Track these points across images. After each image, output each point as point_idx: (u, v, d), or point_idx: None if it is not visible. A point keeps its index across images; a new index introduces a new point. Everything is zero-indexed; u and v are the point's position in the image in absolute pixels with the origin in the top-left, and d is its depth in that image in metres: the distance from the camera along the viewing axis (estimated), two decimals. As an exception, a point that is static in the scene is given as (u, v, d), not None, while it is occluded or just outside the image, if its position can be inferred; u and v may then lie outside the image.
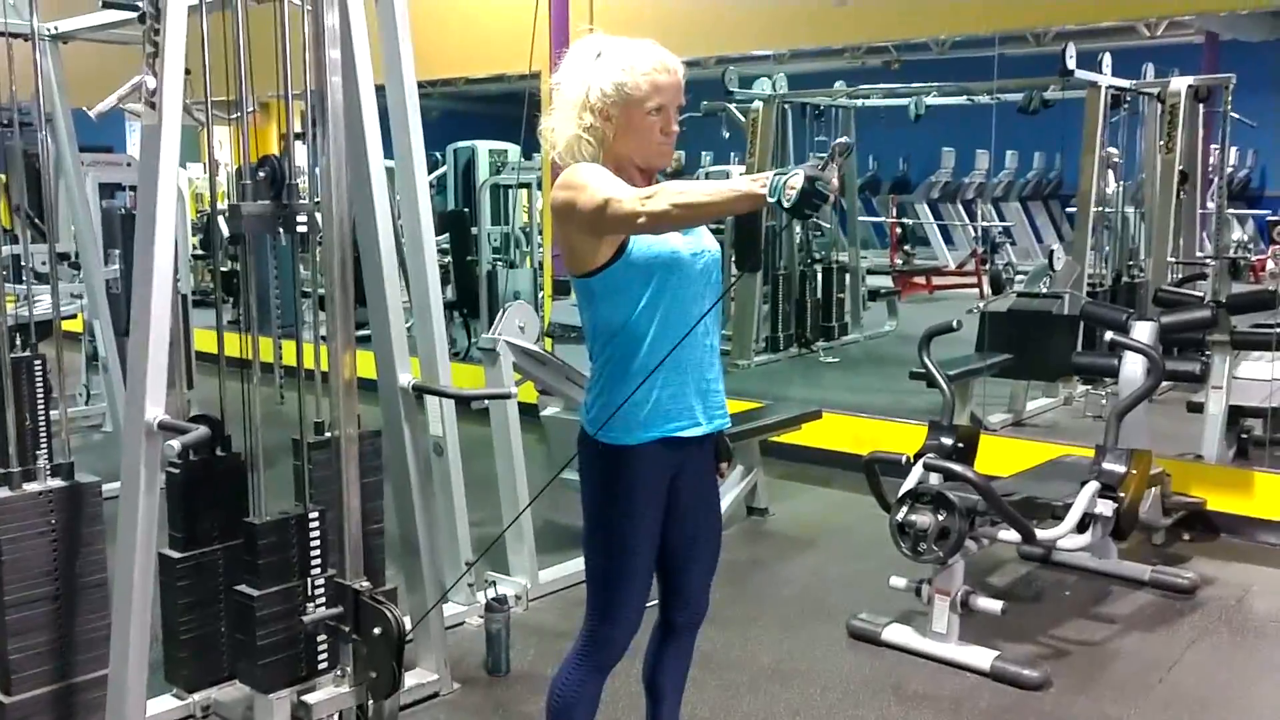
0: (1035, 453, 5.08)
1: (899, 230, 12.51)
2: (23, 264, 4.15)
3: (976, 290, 10.22)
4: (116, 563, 2.77)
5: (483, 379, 4.19)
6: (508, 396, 3.81)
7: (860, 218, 12.78)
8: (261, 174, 2.83)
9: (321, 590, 2.98)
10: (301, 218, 2.82)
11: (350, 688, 2.88)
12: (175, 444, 2.51)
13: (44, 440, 4.27)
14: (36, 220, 6.90)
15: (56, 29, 4.82)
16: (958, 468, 3.47)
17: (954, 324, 4.14)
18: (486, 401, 3.99)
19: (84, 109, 4.42)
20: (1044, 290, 7.01)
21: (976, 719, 3.28)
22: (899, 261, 12.04)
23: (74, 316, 6.72)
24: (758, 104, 8.30)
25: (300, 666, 3.00)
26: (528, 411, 4.73)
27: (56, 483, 2.92)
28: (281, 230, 2.83)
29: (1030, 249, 12.00)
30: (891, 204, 12.60)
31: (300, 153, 3.17)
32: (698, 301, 2.26)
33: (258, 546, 2.94)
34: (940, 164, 12.93)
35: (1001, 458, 5.12)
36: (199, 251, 10.30)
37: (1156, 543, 4.67)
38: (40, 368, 4.36)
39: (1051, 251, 7.14)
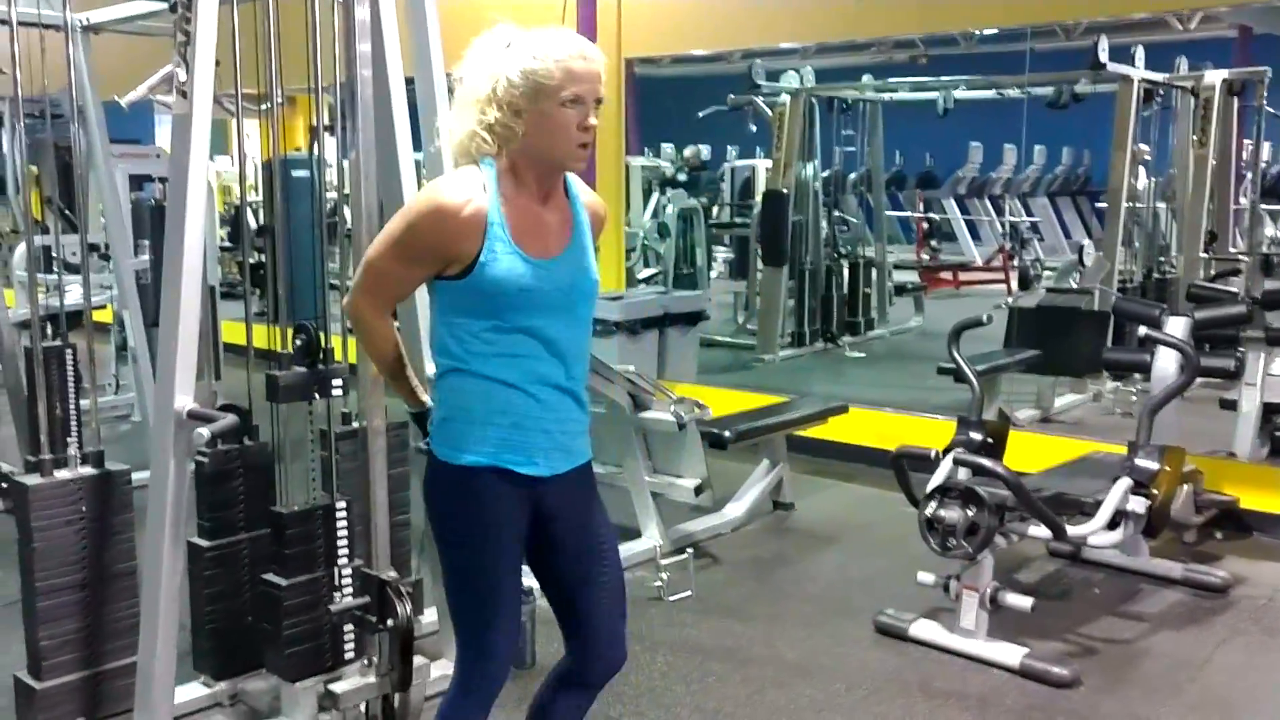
0: (1063, 449, 5.03)
1: (925, 226, 12.44)
2: (54, 255, 4.16)
3: (1003, 286, 10.16)
4: (145, 551, 2.78)
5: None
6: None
7: (887, 213, 12.75)
8: (299, 341, 2.95)
9: (349, 580, 3.00)
10: (337, 381, 2.97)
11: (376, 678, 2.88)
12: (204, 431, 2.51)
13: (75, 429, 4.32)
14: (67, 212, 6.96)
15: (88, 20, 4.84)
16: (987, 462, 3.44)
17: (984, 318, 4.11)
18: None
19: (115, 99, 4.43)
20: (1073, 286, 6.95)
21: (1004, 717, 3.26)
22: (925, 257, 11.96)
23: (104, 307, 6.77)
24: (784, 97, 8.27)
25: (326, 656, 3.02)
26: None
27: (87, 471, 2.93)
28: (317, 393, 2.98)
29: (1058, 245, 11.91)
30: (918, 199, 12.53)
31: (330, 146, 3.17)
32: (558, 330, 2.08)
33: (285, 536, 2.96)
34: (967, 159, 12.85)
35: (1030, 454, 5.08)
36: (227, 244, 10.37)
37: (1188, 541, 4.61)
38: (71, 357, 4.41)
39: (1081, 247, 7.08)
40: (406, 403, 2.29)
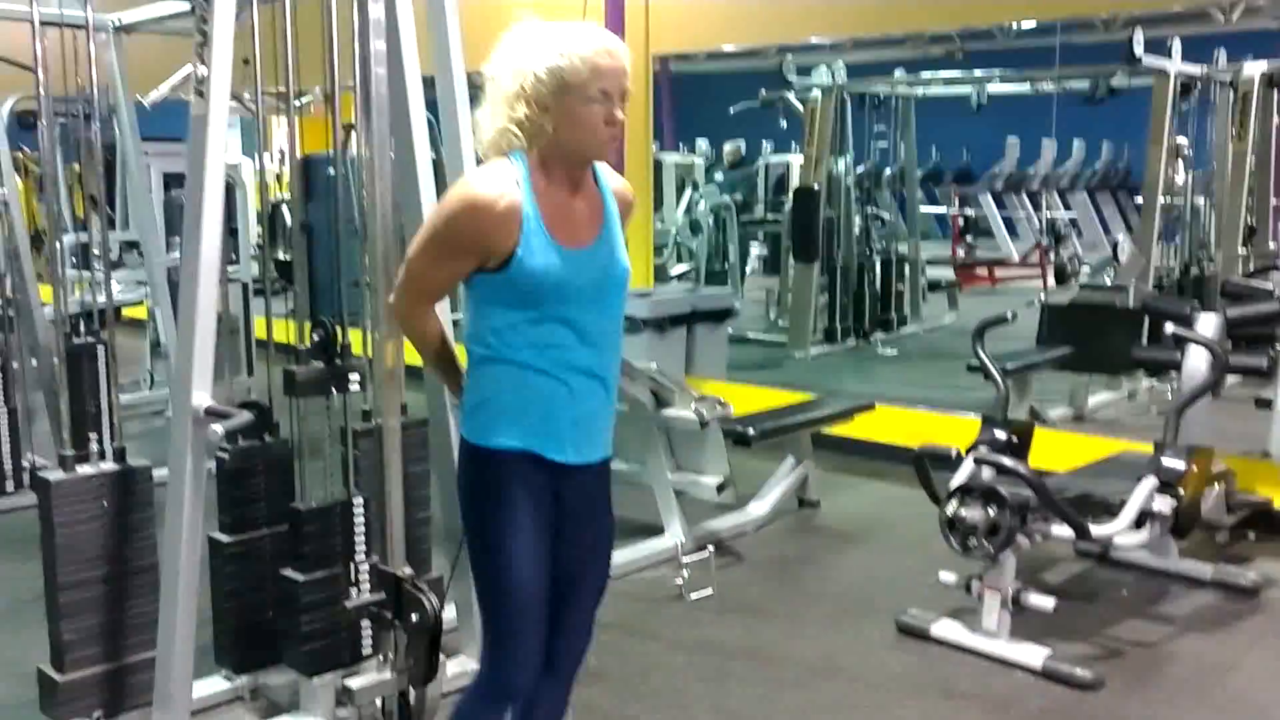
0: (1095, 448, 4.96)
1: (960, 222, 12.33)
2: (94, 252, 4.23)
3: (1040, 282, 10.05)
4: (164, 546, 2.81)
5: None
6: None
7: (922, 208, 12.62)
8: (316, 337, 2.98)
9: (366, 576, 3.02)
10: (354, 377, 3.00)
11: (393, 674, 2.90)
12: (218, 429, 2.54)
13: (108, 424, 4.38)
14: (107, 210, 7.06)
15: (120, 21, 4.90)
16: (1008, 461, 3.41)
17: (1008, 316, 4.06)
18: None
19: (137, 98, 4.49)
20: (1108, 282, 6.87)
21: (1025, 719, 3.22)
22: (961, 253, 11.86)
23: (139, 303, 6.86)
24: (816, 93, 8.22)
25: (344, 651, 3.04)
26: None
27: (109, 466, 2.96)
28: (335, 388, 3.02)
29: (1097, 240, 11.75)
30: (953, 195, 12.41)
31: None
32: (590, 321, 2.11)
33: (302, 532, 2.99)
34: (1004, 154, 12.71)
35: (1061, 453, 5.02)
36: (261, 242, 10.45)
37: (1220, 542, 4.54)
38: (103, 353, 4.47)
39: (1116, 243, 7.00)
40: (453, 395, 2.36)
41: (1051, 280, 10.26)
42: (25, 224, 8.32)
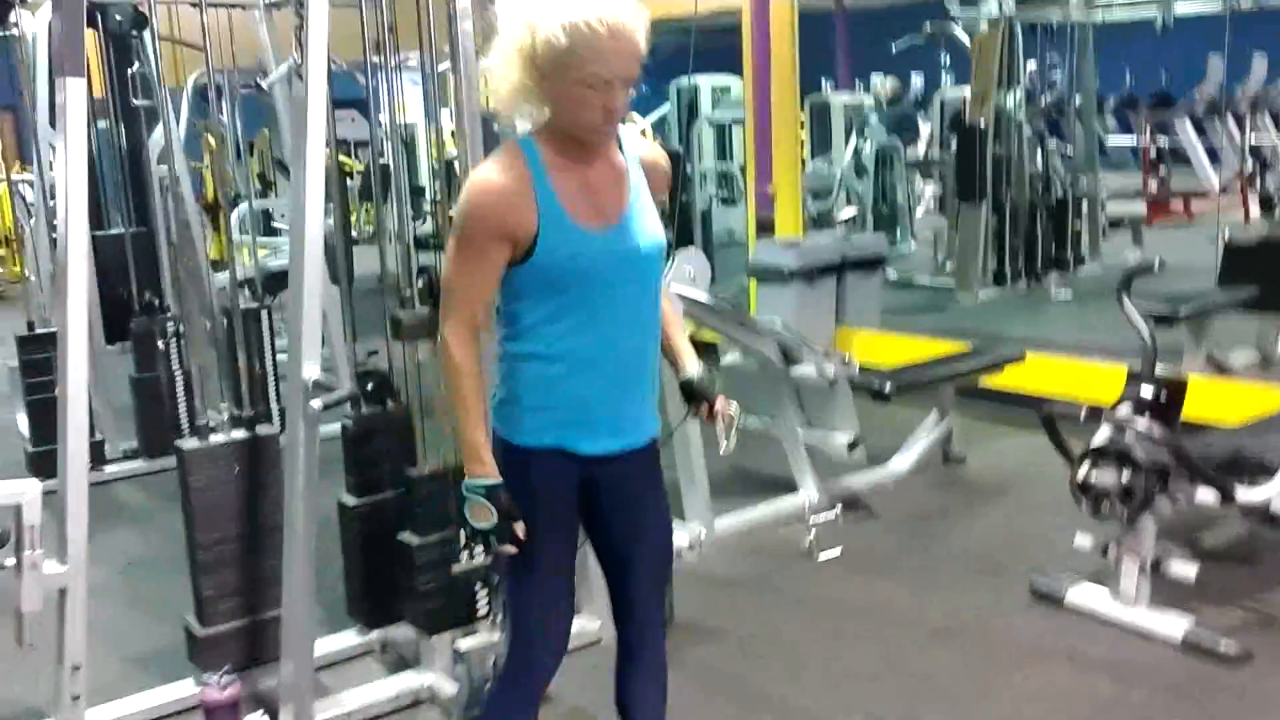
0: (1278, 400, 4.62)
1: (1152, 152, 11.56)
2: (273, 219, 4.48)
3: (1241, 215, 9.37)
4: (286, 509, 2.96)
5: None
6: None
7: (1116, 139, 11.89)
8: (420, 282, 3.05)
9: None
10: None
11: (501, 634, 2.99)
12: (317, 402, 2.65)
13: (273, 387, 4.64)
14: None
15: (270, -1, 5.11)
16: (1141, 422, 3.21)
17: (1155, 265, 3.80)
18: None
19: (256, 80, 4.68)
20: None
21: (1155, 693, 3.06)
22: (1153, 186, 11.13)
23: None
24: (983, 25, 7.84)
25: (460, 611, 3.15)
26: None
27: (239, 435, 3.14)
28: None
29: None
30: (1145, 123, 11.64)
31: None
32: (623, 303, 2.04)
33: (416, 497, 3.10)
34: (1207, 76, 11.82)
35: (1236, 404, 4.70)
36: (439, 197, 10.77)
37: None
38: (268, 317, 4.75)
39: (1313, 173, 6.43)
40: (467, 470, 2.07)
41: (1256, 211, 9.56)
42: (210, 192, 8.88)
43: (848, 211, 9.25)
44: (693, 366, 2.23)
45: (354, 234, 7.12)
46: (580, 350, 2.04)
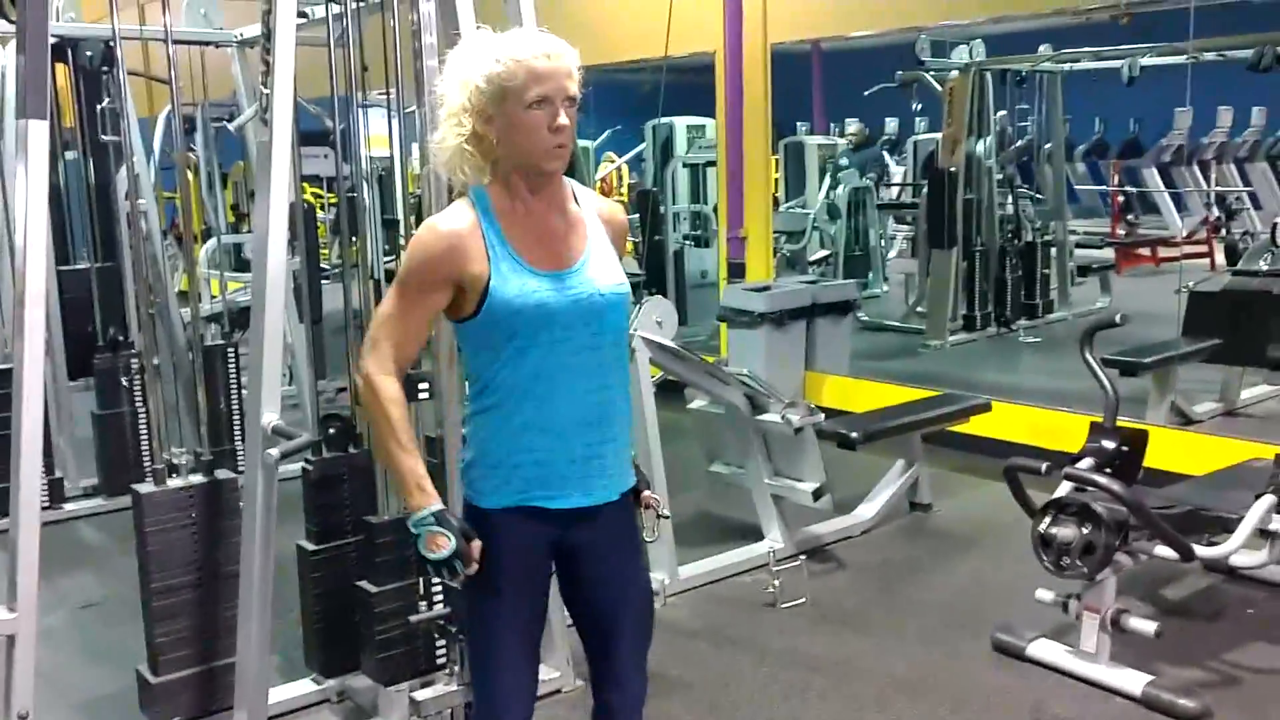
0: (1240, 451, 4.64)
1: (1121, 199, 11.69)
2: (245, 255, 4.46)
3: (1208, 262, 9.49)
4: (242, 556, 2.93)
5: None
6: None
7: (1086, 186, 12.02)
8: None
9: (438, 589, 3.08)
10: (423, 385, 2.94)
11: (459, 686, 2.96)
12: (274, 452, 2.62)
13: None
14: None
15: (242, 35, 5.11)
16: (1100, 479, 3.22)
17: (1117, 319, 3.82)
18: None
19: (224, 121, 4.67)
20: (1263, 268, 6.39)
21: (1118, 750, 3.06)
22: (1122, 232, 11.25)
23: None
24: (954, 72, 7.92)
25: (417, 662, 3.11)
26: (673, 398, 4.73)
27: (197, 479, 3.11)
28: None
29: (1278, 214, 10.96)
30: (1113, 170, 11.79)
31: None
32: (584, 349, 2.00)
33: (375, 544, 3.07)
34: (1174, 125, 11.99)
35: (1199, 455, 4.73)
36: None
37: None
38: (234, 354, 4.71)
39: (1275, 224, 6.49)
40: (403, 501, 2.07)
41: (1221, 259, 9.67)
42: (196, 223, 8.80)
43: (820, 254, 9.32)
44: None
45: (324, 267, 7.06)
46: (540, 398, 1.99)
